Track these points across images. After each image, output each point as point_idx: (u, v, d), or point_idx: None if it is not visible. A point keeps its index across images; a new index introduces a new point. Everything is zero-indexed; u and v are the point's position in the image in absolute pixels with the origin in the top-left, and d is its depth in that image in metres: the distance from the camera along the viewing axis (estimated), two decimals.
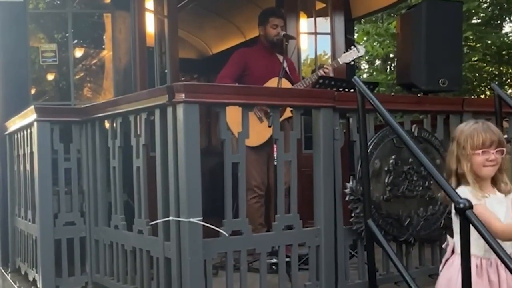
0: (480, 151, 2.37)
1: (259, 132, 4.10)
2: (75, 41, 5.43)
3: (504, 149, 2.40)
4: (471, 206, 2.07)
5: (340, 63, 4.46)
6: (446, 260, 2.47)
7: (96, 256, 3.63)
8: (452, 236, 2.47)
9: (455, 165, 2.43)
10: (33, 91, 5.16)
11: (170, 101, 2.77)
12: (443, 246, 2.59)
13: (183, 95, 2.71)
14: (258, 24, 4.57)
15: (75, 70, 5.28)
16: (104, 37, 5.39)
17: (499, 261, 2.20)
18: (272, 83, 4.27)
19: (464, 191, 2.35)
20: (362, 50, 4.51)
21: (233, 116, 3.01)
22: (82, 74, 6.01)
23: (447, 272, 2.42)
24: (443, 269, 2.47)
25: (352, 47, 4.49)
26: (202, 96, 2.82)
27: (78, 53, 5.62)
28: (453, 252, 2.44)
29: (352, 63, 4.29)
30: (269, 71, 4.30)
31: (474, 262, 2.28)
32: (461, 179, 2.42)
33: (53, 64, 5.24)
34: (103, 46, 5.55)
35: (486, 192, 2.41)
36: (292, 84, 4.40)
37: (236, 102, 2.98)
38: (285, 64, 4.38)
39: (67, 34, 5.20)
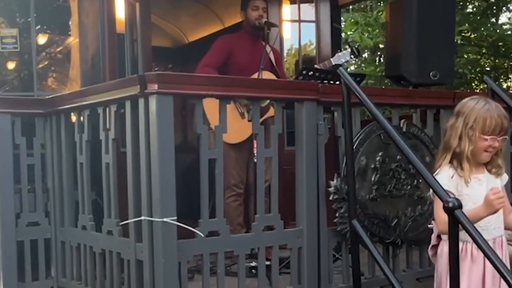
0: (489, 137, 2.40)
1: (241, 129, 4.12)
2: (38, 26, 5.38)
3: (507, 137, 2.46)
4: (460, 206, 2.13)
5: (333, 63, 4.44)
6: (433, 246, 2.55)
7: (62, 259, 3.64)
8: None
9: (456, 142, 2.45)
10: None
11: (142, 92, 2.78)
12: (428, 225, 2.65)
13: (156, 85, 2.73)
14: (240, 9, 4.59)
15: (38, 58, 5.24)
16: (70, 22, 5.36)
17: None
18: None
19: (448, 174, 2.43)
20: (355, 52, 4.50)
21: (213, 109, 3.03)
22: (46, 62, 5.96)
23: (440, 262, 2.49)
24: (438, 260, 2.53)
25: (347, 47, 4.50)
26: (177, 87, 2.84)
27: (42, 39, 5.57)
28: (439, 238, 2.51)
29: (345, 63, 4.31)
30: (254, 61, 4.28)
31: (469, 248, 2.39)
32: (455, 157, 2.46)
33: (15, 52, 5.19)
34: (69, 33, 5.51)
35: (474, 172, 2.46)
36: (278, 77, 4.42)
37: (213, 93, 3.00)
38: (271, 55, 4.40)
39: (29, 19, 5.16)
